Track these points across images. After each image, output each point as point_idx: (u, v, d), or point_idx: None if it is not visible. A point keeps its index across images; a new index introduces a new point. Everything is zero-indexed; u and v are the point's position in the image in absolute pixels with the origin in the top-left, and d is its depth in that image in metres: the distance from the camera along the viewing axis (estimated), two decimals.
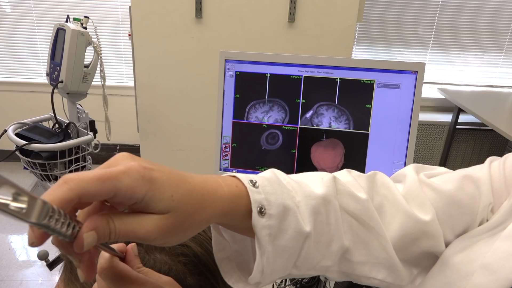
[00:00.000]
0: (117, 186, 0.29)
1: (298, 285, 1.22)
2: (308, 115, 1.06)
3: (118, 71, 3.12)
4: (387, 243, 0.48)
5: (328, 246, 0.45)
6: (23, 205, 0.24)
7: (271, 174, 0.43)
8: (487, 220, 0.49)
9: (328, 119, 1.05)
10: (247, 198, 0.38)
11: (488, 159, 0.52)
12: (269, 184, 0.40)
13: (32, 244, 0.28)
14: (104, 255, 0.34)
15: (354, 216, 0.47)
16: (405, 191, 0.50)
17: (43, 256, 0.46)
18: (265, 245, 0.39)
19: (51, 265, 0.46)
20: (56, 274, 0.42)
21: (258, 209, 0.38)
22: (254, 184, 0.39)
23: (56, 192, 0.28)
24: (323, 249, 0.45)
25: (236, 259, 0.44)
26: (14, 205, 0.24)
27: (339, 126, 1.05)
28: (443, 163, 3.09)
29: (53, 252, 0.46)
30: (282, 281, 1.29)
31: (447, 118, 3.02)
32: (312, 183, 0.46)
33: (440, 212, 0.48)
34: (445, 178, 0.51)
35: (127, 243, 0.39)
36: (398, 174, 0.54)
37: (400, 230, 0.48)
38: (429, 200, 0.49)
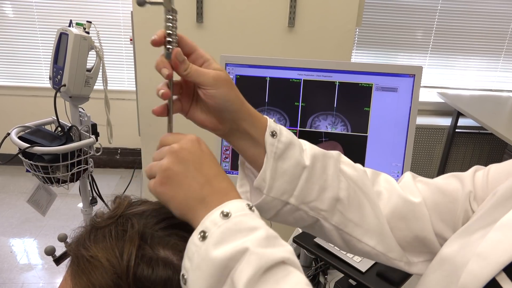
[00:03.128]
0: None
1: None
2: (307, 117, 1.07)
3: (119, 75, 3.14)
4: (378, 210, 0.55)
5: (323, 191, 0.54)
6: None
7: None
8: (472, 211, 0.53)
9: (327, 122, 1.07)
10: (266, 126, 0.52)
11: (473, 168, 0.58)
12: (285, 130, 0.54)
13: (159, 66, 0.48)
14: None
15: (352, 179, 0.56)
16: (400, 185, 0.59)
17: (50, 252, 0.47)
18: (270, 159, 0.51)
19: (57, 260, 0.47)
20: (58, 277, 0.43)
21: (271, 132, 0.52)
22: (273, 132, 0.52)
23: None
24: (318, 190, 0.54)
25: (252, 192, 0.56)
26: None
27: (338, 128, 1.06)
28: (443, 166, 3.10)
29: (59, 248, 0.47)
30: None
31: (446, 122, 3.03)
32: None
33: (428, 200, 0.56)
34: (435, 178, 0.59)
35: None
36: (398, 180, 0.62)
37: (391, 207, 0.56)
38: (418, 190, 0.57)
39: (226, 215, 0.40)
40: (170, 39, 0.47)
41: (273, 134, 0.51)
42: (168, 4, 0.46)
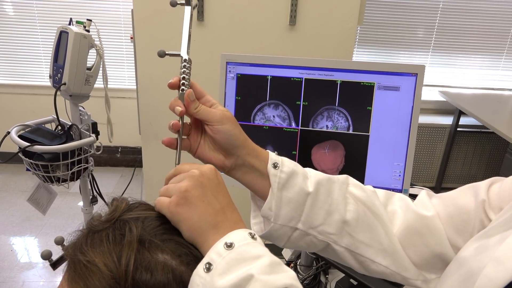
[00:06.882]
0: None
1: None
2: (309, 117, 1.07)
3: (120, 73, 3.13)
4: (389, 229, 0.55)
5: (330, 215, 0.55)
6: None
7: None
8: (489, 219, 0.52)
9: (329, 121, 1.06)
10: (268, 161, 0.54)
11: (491, 178, 0.58)
12: (287, 160, 0.56)
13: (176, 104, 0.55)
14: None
15: (361, 201, 0.57)
16: (415, 202, 0.60)
17: (46, 256, 0.46)
18: (274, 189, 0.53)
19: (54, 265, 0.46)
20: (58, 276, 0.43)
21: (273, 163, 0.54)
22: (275, 163, 0.54)
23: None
24: (324, 214, 0.55)
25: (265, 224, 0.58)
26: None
27: (340, 128, 1.06)
28: (444, 165, 3.09)
29: (56, 252, 0.47)
30: None
31: (447, 120, 3.02)
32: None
33: (442, 214, 0.56)
34: (452, 191, 0.59)
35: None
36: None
37: (405, 223, 0.56)
38: (432, 205, 0.57)
39: (229, 246, 0.41)
40: (184, 82, 0.56)
41: (275, 166, 0.54)
42: (185, 55, 0.57)
